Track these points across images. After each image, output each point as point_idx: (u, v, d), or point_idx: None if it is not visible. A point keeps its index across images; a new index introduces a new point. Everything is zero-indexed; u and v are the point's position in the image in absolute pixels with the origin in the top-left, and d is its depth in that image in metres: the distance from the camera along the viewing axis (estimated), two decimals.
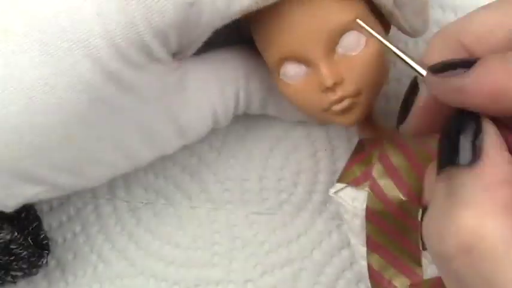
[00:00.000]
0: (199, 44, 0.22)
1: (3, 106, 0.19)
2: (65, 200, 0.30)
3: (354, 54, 0.22)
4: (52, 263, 0.30)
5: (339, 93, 0.22)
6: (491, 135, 0.14)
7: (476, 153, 0.14)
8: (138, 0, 0.18)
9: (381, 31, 0.23)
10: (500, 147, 0.14)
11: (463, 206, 0.14)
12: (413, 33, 0.24)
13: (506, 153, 0.14)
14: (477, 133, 0.15)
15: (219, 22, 0.21)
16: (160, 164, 0.30)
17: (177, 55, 0.22)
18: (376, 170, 0.23)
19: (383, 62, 0.22)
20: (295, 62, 0.22)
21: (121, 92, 0.20)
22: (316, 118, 0.27)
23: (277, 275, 0.28)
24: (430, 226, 0.15)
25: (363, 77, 0.22)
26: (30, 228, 0.26)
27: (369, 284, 0.28)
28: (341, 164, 0.29)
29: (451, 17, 0.29)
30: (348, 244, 0.28)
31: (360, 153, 0.24)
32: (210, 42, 0.23)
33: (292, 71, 0.22)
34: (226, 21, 0.21)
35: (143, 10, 0.18)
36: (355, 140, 0.29)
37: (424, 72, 0.17)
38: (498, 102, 0.14)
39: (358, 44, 0.22)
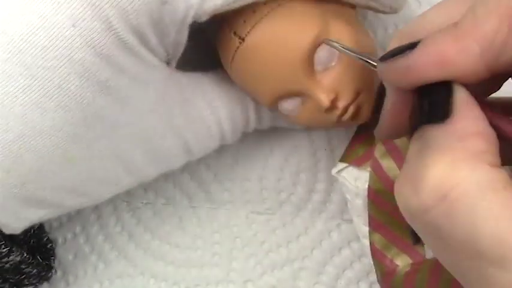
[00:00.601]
0: (182, 45, 0.22)
1: (0, 134, 0.19)
2: None
3: (333, 64, 0.22)
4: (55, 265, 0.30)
5: (341, 105, 0.22)
6: (461, 94, 0.15)
7: (447, 110, 0.14)
8: (111, 3, 0.18)
9: (351, 15, 0.23)
10: (471, 104, 0.15)
11: (435, 156, 0.14)
12: (393, 11, 0.24)
13: (478, 109, 0.15)
14: (448, 93, 0.15)
15: (194, 19, 0.21)
16: None
17: (171, 62, 0.22)
18: (378, 150, 0.23)
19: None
20: (288, 98, 0.22)
21: (115, 104, 0.20)
22: (329, 129, 0.27)
23: (277, 274, 0.28)
24: (402, 183, 0.15)
25: (353, 79, 0.22)
26: (33, 231, 0.26)
27: (370, 283, 0.28)
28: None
29: None
30: (349, 243, 0.28)
31: (362, 135, 0.24)
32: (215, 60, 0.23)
33: (289, 106, 0.23)
34: (202, 19, 0.21)
35: (117, 12, 0.18)
36: None
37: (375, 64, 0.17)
38: (445, 68, 0.15)
39: (332, 54, 0.22)
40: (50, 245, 0.27)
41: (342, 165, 0.24)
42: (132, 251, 0.29)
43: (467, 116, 0.14)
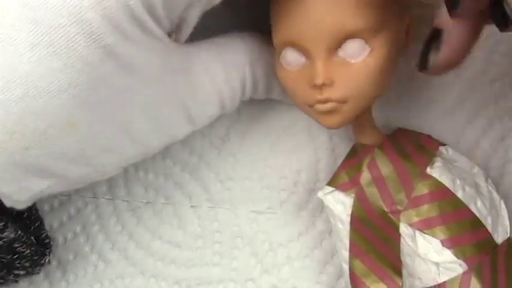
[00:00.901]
0: (190, 25, 0.22)
1: (3, 94, 0.18)
2: (66, 199, 0.30)
3: (352, 61, 0.21)
4: (53, 263, 0.30)
5: (325, 94, 0.22)
6: None
7: None
8: None
9: (399, 41, 0.23)
10: None
11: None
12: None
13: None
14: None
15: None
16: (161, 163, 0.30)
17: (172, 35, 0.22)
18: (364, 178, 0.23)
19: (382, 74, 0.22)
20: (297, 50, 0.22)
21: (120, 69, 0.20)
22: (300, 109, 0.26)
23: (277, 274, 0.28)
24: None
25: (353, 86, 0.22)
26: (32, 228, 0.26)
27: None
28: None
29: None
30: None
31: (352, 159, 0.24)
32: (212, 29, 0.23)
33: (291, 57, 0.23)
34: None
35: None
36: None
37: None
38: None
39: (360, 53, 0.21)
40: (48, 240, 0.27)
41: (328, 188, 0.24)
42: (132, 251, 0.29)
43: None
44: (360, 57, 0.21)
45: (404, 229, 0.22)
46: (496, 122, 0.28)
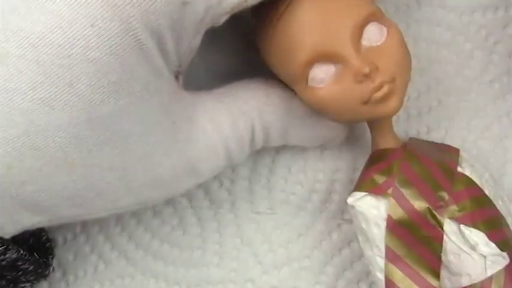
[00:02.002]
0: (193, 52, 0.22)
1: (4, 130, 0.18)
2: None
3: (378, 44, 0.22)
4: (53, 263, 0.30)
5: (378, 79, 0.22)
6: None
7: None
8: (133, 4, 0.18)
9: None
10: None
11: None
12: None
13: None
14: None
15: (212, 22, 0.21)
16: None
17: (178, 77, 0.22)
18: (399, 179, 0.23)
19: (405, 49, 0.23)
20: (323, 63, 0.22)
21: (122, 111, 0.20)
22: (345, 127, 0.27)
23: (277, 274, 0.28)
24: None
25: (394, 63, 0.22)
26: (32, 231, 0.26)
27: (370, 284, 0.28)
28: (341, 163, 0.29)
29: (450, 17, 0.29)
30: (349, 244, 0.28)
31: (379, 163, 0.24)
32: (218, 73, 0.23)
33: (321, 73, 0.22)
34: (221, 20, 0.21)
35: (138, 13, 0.18)
36: (355, 140, 0.29)
37: None
38: None
39: (381, 35, 0.22)
40: (49, 244, 0.27)
41: (358, 194, 0.23)
42: (132, 251, 0.29)
43: None
44: (382, 38, 0.22)
45: (448, 226, 0.22)
46: (495, 123, 0.28)
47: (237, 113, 0.24)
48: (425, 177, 0.23)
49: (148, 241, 0.29)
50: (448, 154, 0.24)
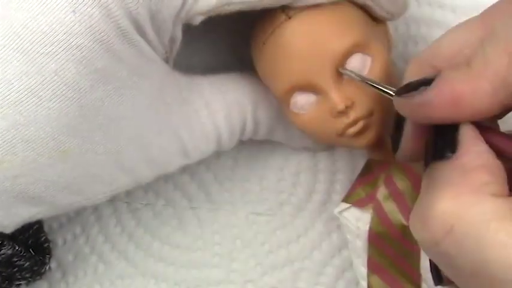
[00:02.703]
0: (177, 42, 0.22)
1: None
2: None
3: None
4: (53, 264, 0.30)
5: (352, 116, 0.22)
6: (467, 130, 0.16)
7: (453, 147, 0.15)
8: None
9: (384, 38, 0.23)
10: (476, 139, 0.15)
11: (441, 191, 0.15)
12: (391, 17, 0.24)
13: (483, 144, 0.15)
14: (455, 129, 0.16)
15: (187, 19, 0.21)
16: None
17: (166, 58, 0.22)
18: (381, 193, 0.23)
19: (390, 76, 0.22)
20: (304, 92, 0.22)
21: (113, 95, 0.20)
22: (326, 144, 0.27)
23: (277, 275, 0.28)
24: (414, 217, 0.16)
25: (373, 97, 0.22)
26: (31, 231, 0.26)
27: None
28: (341, 165, 0.29)
29: (450, 17, 0.29)
30: (348, 244, 0.28)
31: (367, 175, 0.24)
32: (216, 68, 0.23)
33: (302, 101, 0.23)
34: (196, 21, 0.21)
35: (117, 0, 0.18)
36: None
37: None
38: (459, 108, 0.15)
39: (364, 66, 0.22)
40: (47, 244, 0.27)
41: (344, 205, 0.24)
42: (132, 252, 0.29)
43: (471, 150, 0.15)
44: (365, 69, 0.22)
45: None
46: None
47: (233, 104, 0.24)
48: (407, 193, 0.23)
49: (148, 242, 0.29)
50: None
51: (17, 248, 0.23)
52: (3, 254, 0.23)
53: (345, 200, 0.24)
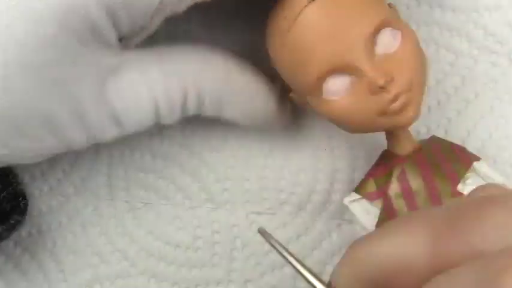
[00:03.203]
0: (150, 32, 0.22)
1: None
2: (65, 200, 0.30)
3: (393, 50, 0.22)
4: (53, 264, 0.30)
5: (393, 90, 0.21)
6: None
7: None
8: None
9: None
10: None
11: None
12: None
13: None
14: None
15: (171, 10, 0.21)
16: (160, 164, 0.30)
17: (122, 40, 0.22)
18: (393, 189, 0.23)
19: (420, 52, 0.22)
20: (337, 75, 0.22)
21: (56, 61, 0.20)
22: (367, 130, 0.24)
23: (277, 274, 0.28)
24: None
25: (410, 70, 0.21)
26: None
27: None
28: (341, 163, 0.29)
29: (449, 17, 0.29)
30: (349, 244, 0.28)
31: (381, 166, 0.24)
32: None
33: (336, 85, 0.22)
34: (180, 8, 0.22)
35: None
36: (355, 140, 0.29)
37: None
38: None
39: (395, 39, 0.22)
40: (21, 188, 0.28)
41: (355, 196, 0.24)
42: (132, 252, 0.29)
43: None
44: (396, 43, 0.22)
45: None
46: (495, 124, 0.28)
47: (171, 73, 0.23)
48: (418, 192, 0.22)
49: (149, 242, 0.29)
50: (458, 165, 0.23)
51: None
52: None
53: (357, 190, 0.24)
